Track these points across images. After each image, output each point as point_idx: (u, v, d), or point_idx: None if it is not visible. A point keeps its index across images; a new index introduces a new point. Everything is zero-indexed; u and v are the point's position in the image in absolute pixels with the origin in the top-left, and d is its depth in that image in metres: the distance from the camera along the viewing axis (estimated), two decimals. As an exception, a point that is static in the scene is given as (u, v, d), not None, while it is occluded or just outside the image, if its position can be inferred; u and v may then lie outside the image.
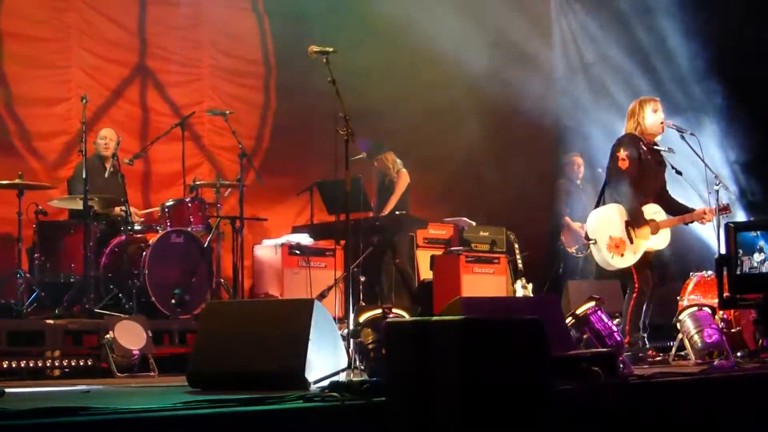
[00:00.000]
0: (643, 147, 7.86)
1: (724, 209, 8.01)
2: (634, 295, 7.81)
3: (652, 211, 7.87)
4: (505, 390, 3.99)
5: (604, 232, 7.77)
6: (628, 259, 7.76)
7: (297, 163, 11.39)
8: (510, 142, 12.57)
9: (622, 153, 7.83)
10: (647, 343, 7.94)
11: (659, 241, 7.87)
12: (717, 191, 8.19)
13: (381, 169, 10.58)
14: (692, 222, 8.08)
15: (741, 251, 7.20)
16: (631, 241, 7.75)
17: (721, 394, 5.90)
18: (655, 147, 7.97)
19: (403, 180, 10.40)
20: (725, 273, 7.22)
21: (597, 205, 8.04)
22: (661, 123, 7.95)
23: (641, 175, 7.86)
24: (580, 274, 11.22)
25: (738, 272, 7.15)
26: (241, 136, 9.57)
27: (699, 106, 11.93)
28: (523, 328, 4.24)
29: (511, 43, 12.45)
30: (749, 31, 12.02)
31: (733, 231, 7.22)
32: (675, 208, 8.04)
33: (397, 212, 10.12)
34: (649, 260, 7.90)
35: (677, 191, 8.41)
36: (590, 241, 7.82)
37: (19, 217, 8.11)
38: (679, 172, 8.14)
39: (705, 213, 7.91)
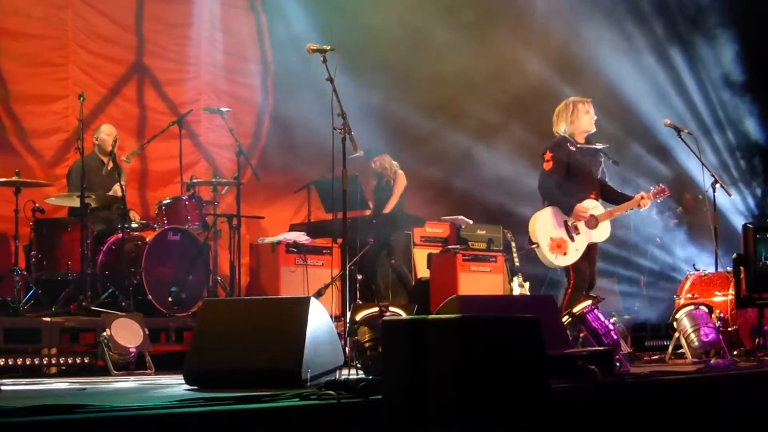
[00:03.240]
0: (571, 148, 7.91)
1: (659, 192, 8.06)
2: (569, 290, 7.87)
3: (590, 206, 7.91)
4: (501, 388, 3.99)
5: (545, 234, 7.83)
6: (571, 256, 7.83)
7: (294, 161, 11.39)
8: (507, 140, 12.58)
9: (547, 155, 7.94)
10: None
11: (600, 234, 7.94)
12: (714, 190, 8.20)
13: (379, 171, 10.51)
14: (630, 210, 8.10)
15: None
16: (572, 239, 7.80)
17: (718, 393, 5.90)
18: (586, 146, 7.99)
19: (401, 182, 10.37)
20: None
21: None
22: (591, 123, 7.99)
23: (571, 175, 7.93)
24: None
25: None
26: (238, 134, 9.56)
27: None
28: (520, 326, 4.25)
29: (509, 42, 12.46)
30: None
31: (751, 231, 7.32)
32: (615, 198, 8.11)
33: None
34: (589, 256, 7.96)
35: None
36: (533, 245, 7.86)
37: (16, 215, 8.11)
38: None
39: (642, 198, 7.97)
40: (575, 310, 6.65)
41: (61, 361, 7.49)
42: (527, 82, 12.36)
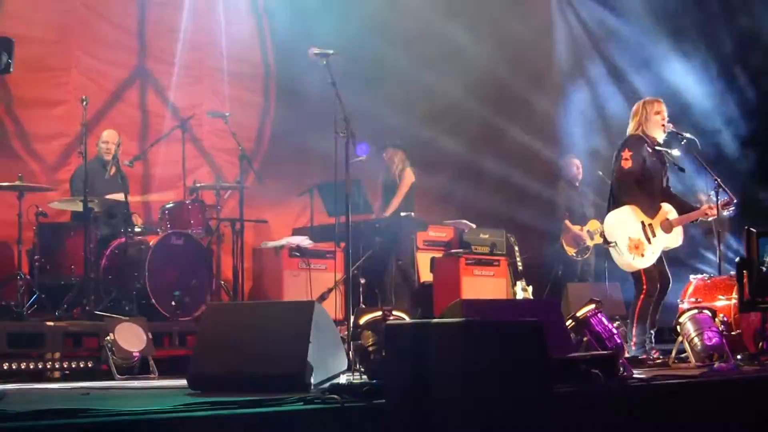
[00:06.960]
0: (648, 149, 7.90)
1: (726, 204, 8.06)
2: (642, 296, 7.85)
3: (665, 210, 7.90)
4: (505, 392, 3.98)
5: (623, 234, 7.81)
6: (648, 258, 7.81)
7: (297, 165, 11.38)
8: (510, 143, 12.58)
9: (626, 153, 7.89)
10: (653, 342, 7.96)
11: (674, 239, 7.93)
12: (717, 194, 8.20)
13: (386, 166, 10.50)
14: (698, 219, 8.09)
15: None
16: (649, 241, 7.79)
17: (721, 397, 5.90)
18: (658, 148, 8.00)
19: (407, 180, 10.33)
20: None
21: (608, 208, 8.06)
22: (662, 125, 7.98)
23: (648, 176, 7.91)
24: (580, 277, 11.22)
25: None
26: (240, 138, 9.56)
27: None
28: (523, 330, 4.25)
29: (512, 45, 12.47)
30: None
31: (755, 236, 7.31)
32: (680, 206, 8.09)
33: (402, 213, 10.09)
34: (659, 261, 7.93)
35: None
36: (610, 244, 7.83)
37: (19, 219, 8.11)
38: (682, 169, 8.23)
39: (711, 208, 7.97)
40: (579, 314, 6.65)
41: (65, 366, 7.48)
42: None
